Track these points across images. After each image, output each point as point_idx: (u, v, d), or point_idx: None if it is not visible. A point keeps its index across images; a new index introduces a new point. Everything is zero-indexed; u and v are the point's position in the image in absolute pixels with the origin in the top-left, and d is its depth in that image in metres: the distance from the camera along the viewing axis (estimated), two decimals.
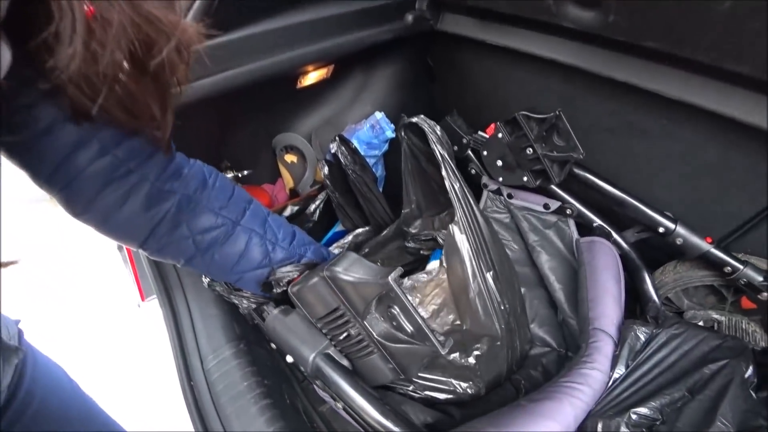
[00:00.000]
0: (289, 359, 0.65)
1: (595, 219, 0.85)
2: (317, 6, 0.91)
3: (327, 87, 1.23)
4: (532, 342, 0.89)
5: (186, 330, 0.78)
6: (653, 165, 0.86)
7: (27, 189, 0.50)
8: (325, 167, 0.99)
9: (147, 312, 1.60)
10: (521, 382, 0.81)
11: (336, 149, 0.96)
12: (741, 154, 0.73)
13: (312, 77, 1.12)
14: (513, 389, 0.81)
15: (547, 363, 0.86)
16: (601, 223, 0.85)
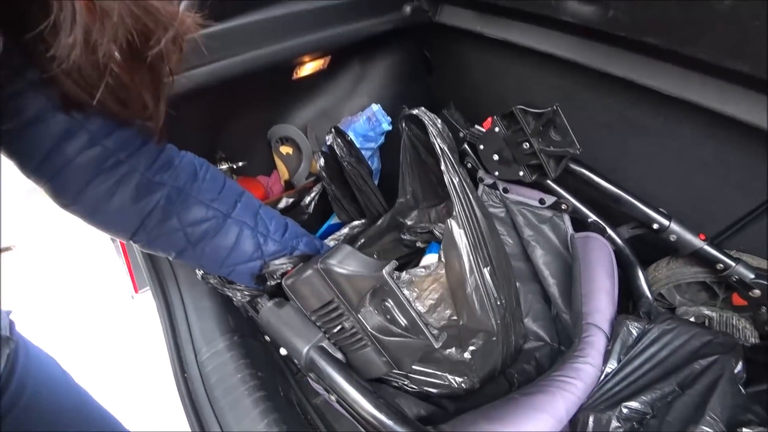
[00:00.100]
0: (283, 352, 0.65)
1: (590, 215, 0.85)
2: None
3: (323, 78, 1.21)
4: (525, 336, 0.90)
5: (180, 322, 0.77)
6: (649, 161, 0.86)
7: (18, 179, 0.49)
8: (321, 159, 0.98)
9: (140, 304, 1.61)
10: (515, 376, 0.82)
11: (332, 141, 0.96)
12: (736, 152, 0.73)
13: (308, 68, 1.11)
14: (506, 383, 0.81)
15: (541, 357, 0.86)
16: (596, 219, 0.85)
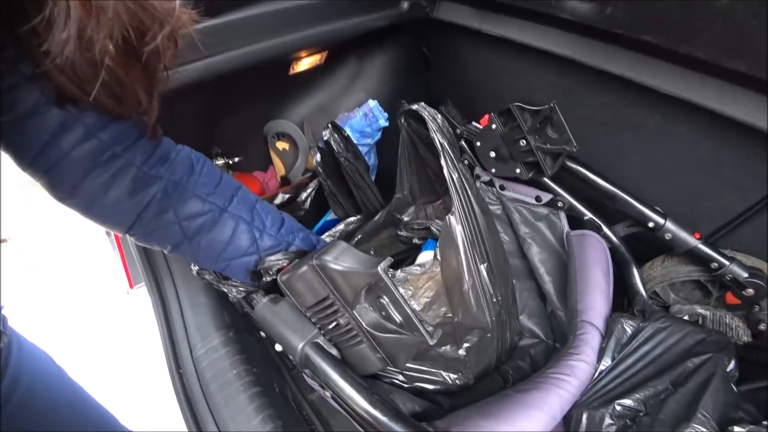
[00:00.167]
0: (279, 348, 0.65)
1: (586, 212, 0.86)
2: None
3: (320, 74, 1.21)
4: (521, 333, 0.90)
5: (175, 318, 0.77)
6: (646, 160, 0.86)
7: (12, 173, 0.49)
8: (317, 154, 0.98)
9: (136, 299, 1.60)
10: (509, 372, 0.82)
11: (329, 136, 0.95)
12: (733, 151, 0.73)
13: (305, 63, 1.10)
14: (501, 380, 0.81)
15: (535, 354, 0.87)
16: (592, 217, 0.85)
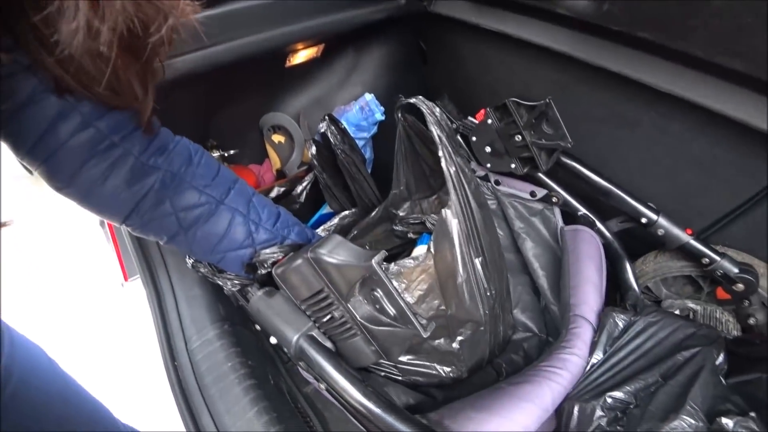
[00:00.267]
0: (273, 340, 0.65)
1: (580, 208, 0.86)
2: None
3: (316, 66, 1.20)
4: (514, 327, 0.91)
5: (170, 310, 0.77)
6: (640, 156, 0.87)
7: (8, 166, 0.49)
8: (313, 147, 0.97)
9: (130, 292, 1.59)
10: (502, 365, 0.83)
11: (326, 128, 0.95)
12: (726, 149, 0.74)
13: (301, 56, 1.10)
14: (494, 373, 0.82)
15: (529, 348, 0.88)
16: (586, 212, 0.86)
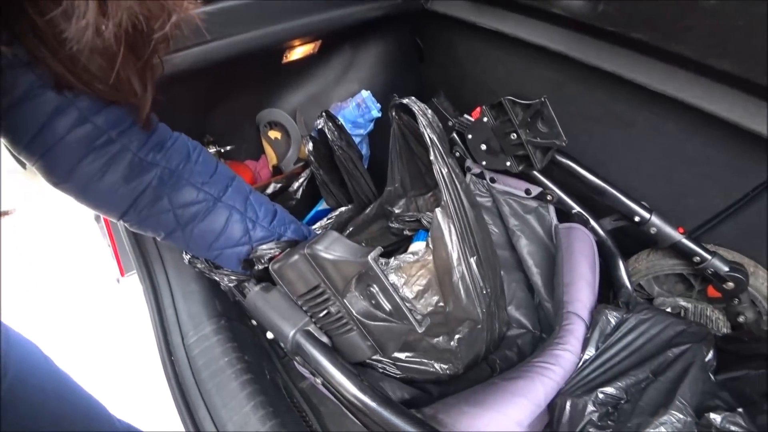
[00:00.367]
0: (270, 336, 0.65)
1: (575, 206, 0.87)
2: None
3: (313, 63, 1.20)
4: (509, 324, 0.92)
5: (167, 306, 0.77)
6: (634, 155, 0.88)
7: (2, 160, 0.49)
8: (309, 143, 0.97)
9: (126, 287, 1.59)
10: (497, 361, 0.83)
11: (322, 125, 0.95)
12: (718, 149, 0.75)
13: (298, 52, 1.10)
14: (488, 368, 0.83)
15: (522, 344, 0.88)
16: (580, 210, 0.87)
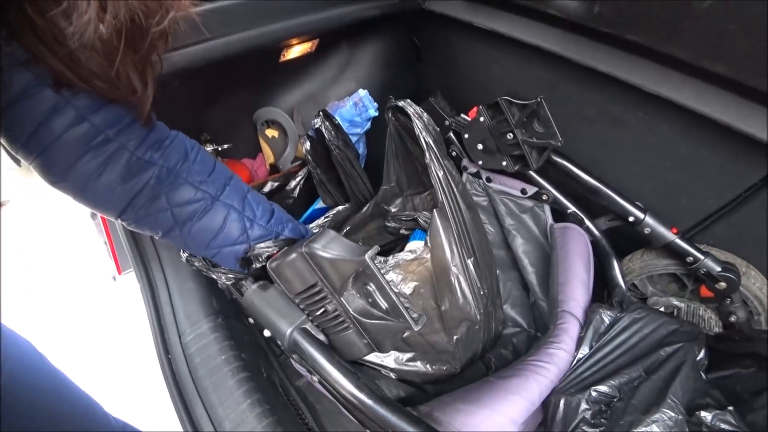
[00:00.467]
0: (267, 334, 0.65)
1: (570, 206, 0.88)
2: None
3: (311, 62, 1.20)
4: (504, 322, 0.92)
5: (164, 304, 0.77)
6: (628, 156, 0.88)
7: None
8: (307, 142, 0.97)
9: (123, 285, 1.59)
10: (492, 360, 0.84)
11: (320, 124, 0.95)
12: (711, 150, 0.76)
13: (296, 51, 1.10)
14: (484, 367, 0.84)
15: (518, 342, 0.89)
16: (575, 210, 0.87)
